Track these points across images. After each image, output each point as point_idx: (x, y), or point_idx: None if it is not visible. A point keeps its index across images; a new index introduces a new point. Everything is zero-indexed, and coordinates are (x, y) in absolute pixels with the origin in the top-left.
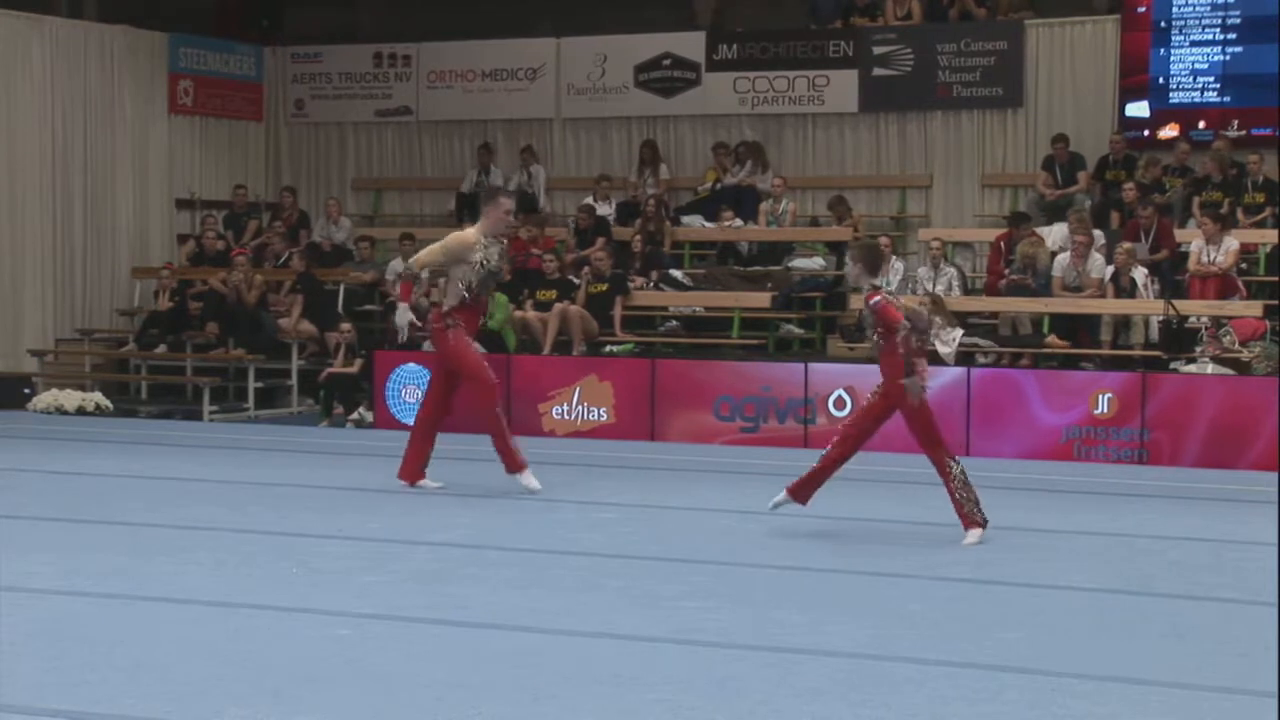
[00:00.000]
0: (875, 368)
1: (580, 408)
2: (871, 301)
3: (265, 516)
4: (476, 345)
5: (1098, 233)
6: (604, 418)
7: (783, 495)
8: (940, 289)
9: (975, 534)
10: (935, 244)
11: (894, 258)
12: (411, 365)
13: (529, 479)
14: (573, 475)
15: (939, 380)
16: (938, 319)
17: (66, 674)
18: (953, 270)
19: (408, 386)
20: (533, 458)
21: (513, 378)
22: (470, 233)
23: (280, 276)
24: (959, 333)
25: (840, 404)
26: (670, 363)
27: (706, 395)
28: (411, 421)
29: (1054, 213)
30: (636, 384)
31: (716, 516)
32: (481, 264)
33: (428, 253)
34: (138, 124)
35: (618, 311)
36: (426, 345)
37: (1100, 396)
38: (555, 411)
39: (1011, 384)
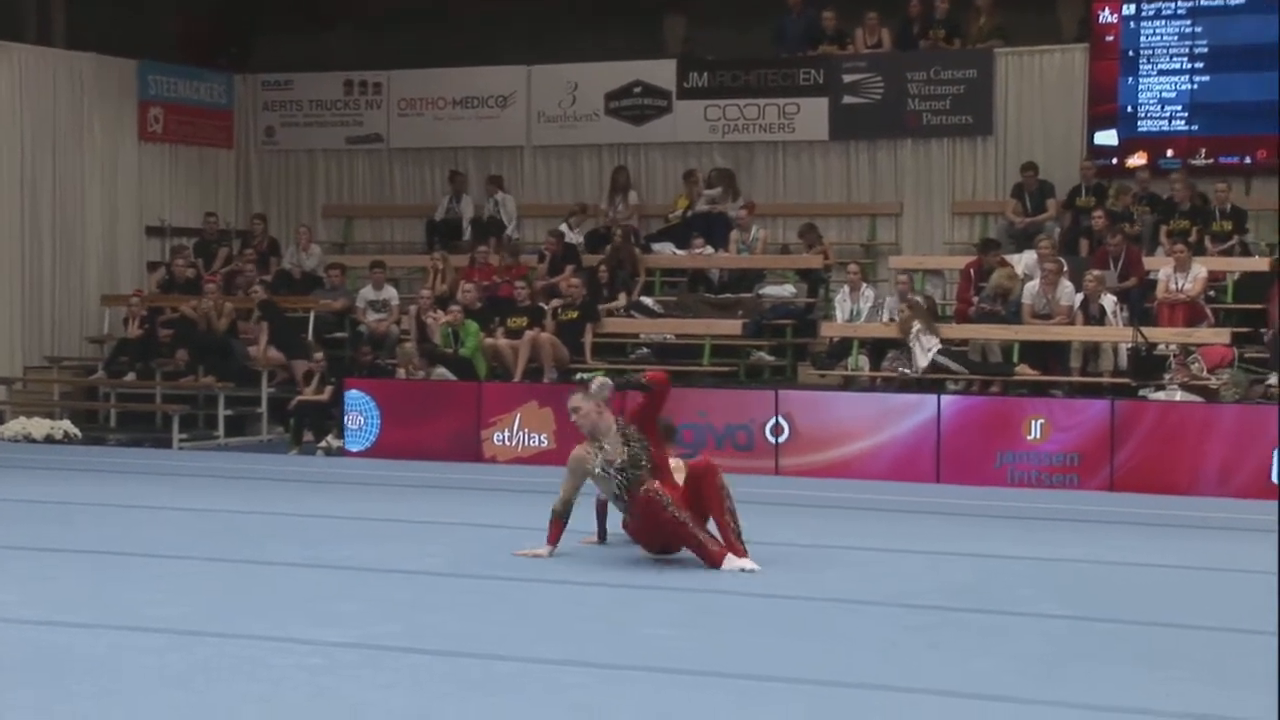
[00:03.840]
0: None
1: (521, 434)
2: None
3: (235, 544)
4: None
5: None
6: (545, 444)
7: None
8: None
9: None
10: (903, 278)
11: (864, 285)
12: (355, 392)
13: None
14: (524, 502)
15: (916, 416)
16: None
17: (36, 704)
18: (920, 299)
19: (352, 413)
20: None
21: (483, 402)
22: (579, 448)
23: (250, 305)
24: (936, 342)
25: (779, 431)
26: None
27: None
28: (356, 449)
29: (1023, 240)
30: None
31: None
32: (603, 470)
33: (565, 487)
34: (107, 151)
35: (588, 339)
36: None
37: (1068, 424)
38: (496, 438)
39: (979, 412)
